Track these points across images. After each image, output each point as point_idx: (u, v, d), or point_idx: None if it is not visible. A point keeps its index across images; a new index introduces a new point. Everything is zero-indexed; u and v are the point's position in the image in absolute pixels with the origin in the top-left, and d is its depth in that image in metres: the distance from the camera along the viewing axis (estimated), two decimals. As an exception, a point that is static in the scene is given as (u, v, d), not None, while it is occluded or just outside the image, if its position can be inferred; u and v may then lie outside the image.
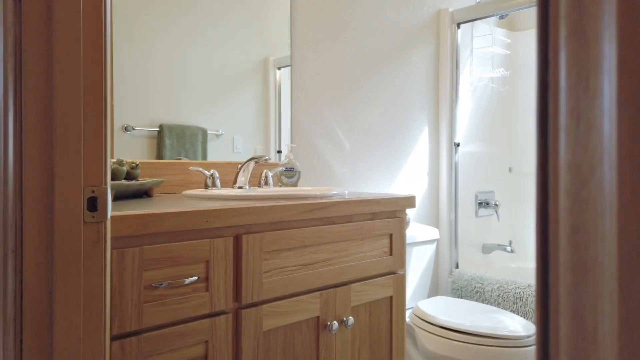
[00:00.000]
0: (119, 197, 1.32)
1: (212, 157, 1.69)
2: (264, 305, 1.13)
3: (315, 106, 2.03)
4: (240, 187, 1.56)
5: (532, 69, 3.00)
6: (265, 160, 1.52)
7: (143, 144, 1.55)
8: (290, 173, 1.76)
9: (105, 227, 0.81)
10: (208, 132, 1.68)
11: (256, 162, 1.55)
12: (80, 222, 0.79)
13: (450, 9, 2.59)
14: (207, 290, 1.03)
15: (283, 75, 1.90)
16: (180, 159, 1.65)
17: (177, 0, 1.61)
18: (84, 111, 0.79)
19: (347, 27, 2.15)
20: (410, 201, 1.50)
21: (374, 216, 1.41)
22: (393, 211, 1.47)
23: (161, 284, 0.96)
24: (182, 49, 1.62)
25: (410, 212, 2.47)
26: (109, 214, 0.82)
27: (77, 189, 0.78)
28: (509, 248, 2.78)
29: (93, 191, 0.80)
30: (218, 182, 1.52)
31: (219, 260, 1.05)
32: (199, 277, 1.02)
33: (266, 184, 1.65)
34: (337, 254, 1.30)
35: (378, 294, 1.40)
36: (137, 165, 1.41)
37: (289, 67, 1.93)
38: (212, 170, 1.52)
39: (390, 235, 1.45)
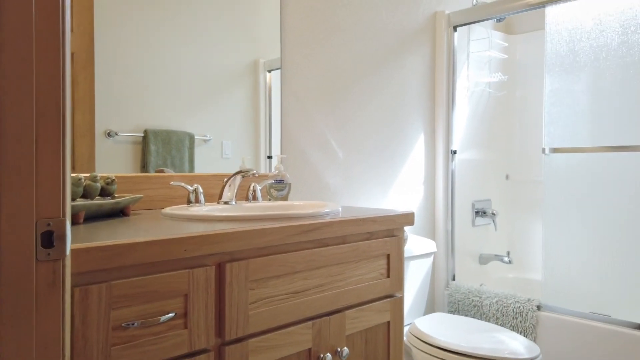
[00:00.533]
0: (91, 217, 1.20)
1: (199, 162, 1.59)
2: (251, 340, 1.02)
3: (306, 114, 1.92)
4: (226, 203, 1.44)
5: (529, 73, 2.92)
6: (253, 174, 1.41)
7: (127, 150, 1.44)
8: (280, 186, 1.65)
9: (63, 265, 0.70)
10: (195, 137, 1.58)
11: (243, 177, 1.44)
12: (32, 261, 0.67)
13: (447, 11, 2.49)
14: (185, 327, 0.92)
15: (274, 78, 1.80)
16: (163, 170, 1.54)
17: (162, 1, 1.50)
18: (37, 130, 0.68)
19: (340, 30, 2.04)
20: (408, 218, 1.40)
21: (370, 235, 1.31)
22: (390, 229, 1.36)
23: (132, 324, 0.84)
24: (169, 50, 1.51)
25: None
26: (68, 249, 0.70)
27: (28, 223, 0.67)
28: (506, 259, 2.69)
29: (48, 224, 0.69)
30: (202, 198, 1.41)
31: (200, 292, 0.94)
32: (176, 313, 0.91)
33: (254, 198, 1.54)
34: (330, 279, 1.19)
35: (375, 320, 1.30)
36: (113, 180, 1.30)
37: (279, 71, 1.82)
38: (196, 185, 1.41)
39: (388, 256, 1.34)
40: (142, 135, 1.47)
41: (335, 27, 2.02)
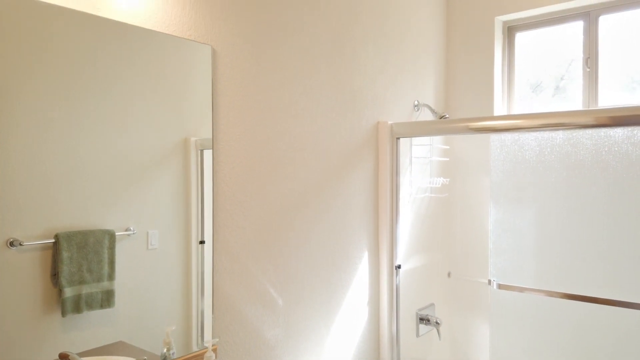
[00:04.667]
0: None
1: (121, 261, 1.38)
2: None
3: (242, 270, 1.72)
4: None
5: (471, 171, 2.89)
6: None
7: (34, 260, 1.20)
8: (212, 378, 1.44)
9: None
10: (116, 233, 1.38)
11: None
12: None
13: (390, 122, 2.39)
14: None
15: (207, 157, 1.62)
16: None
17: (68, 83, 1.27)
18: None
19: (280, 164, 1.86)
20: None
21: None
22: None
23: None
24: (80, 137, 1.29)
25: (347, 355, 2.22)
26: None
27: None
28: (451, 370, 2.61)
29: None
30: None
31: None
32: None
33: (181, 409, 1.32)
34: None
35: None
36: None
37: (212, 187, 1.62)
38: None
39: None
40: (53, 241, 1.24)
41: (276, 164, 1.83)
